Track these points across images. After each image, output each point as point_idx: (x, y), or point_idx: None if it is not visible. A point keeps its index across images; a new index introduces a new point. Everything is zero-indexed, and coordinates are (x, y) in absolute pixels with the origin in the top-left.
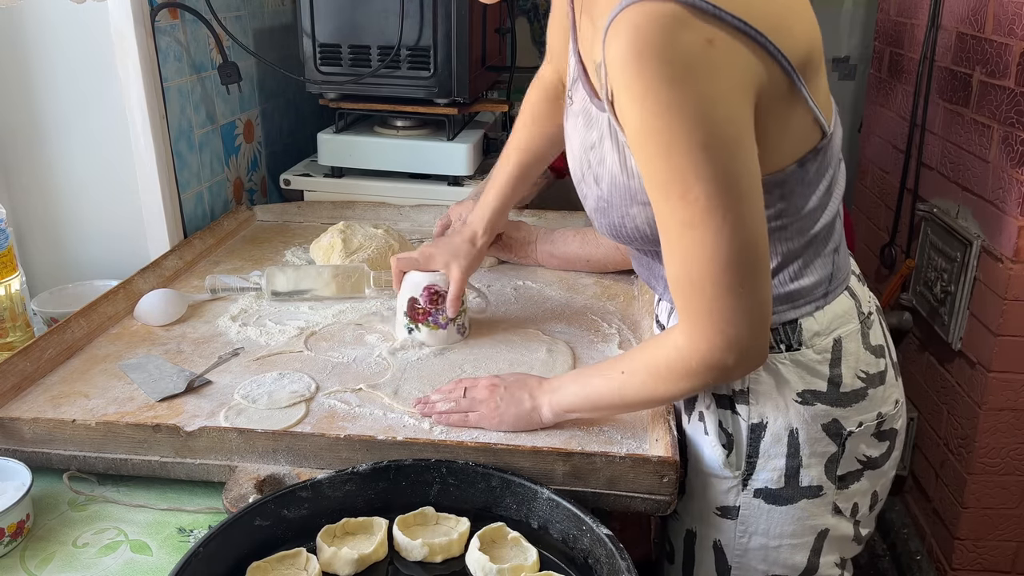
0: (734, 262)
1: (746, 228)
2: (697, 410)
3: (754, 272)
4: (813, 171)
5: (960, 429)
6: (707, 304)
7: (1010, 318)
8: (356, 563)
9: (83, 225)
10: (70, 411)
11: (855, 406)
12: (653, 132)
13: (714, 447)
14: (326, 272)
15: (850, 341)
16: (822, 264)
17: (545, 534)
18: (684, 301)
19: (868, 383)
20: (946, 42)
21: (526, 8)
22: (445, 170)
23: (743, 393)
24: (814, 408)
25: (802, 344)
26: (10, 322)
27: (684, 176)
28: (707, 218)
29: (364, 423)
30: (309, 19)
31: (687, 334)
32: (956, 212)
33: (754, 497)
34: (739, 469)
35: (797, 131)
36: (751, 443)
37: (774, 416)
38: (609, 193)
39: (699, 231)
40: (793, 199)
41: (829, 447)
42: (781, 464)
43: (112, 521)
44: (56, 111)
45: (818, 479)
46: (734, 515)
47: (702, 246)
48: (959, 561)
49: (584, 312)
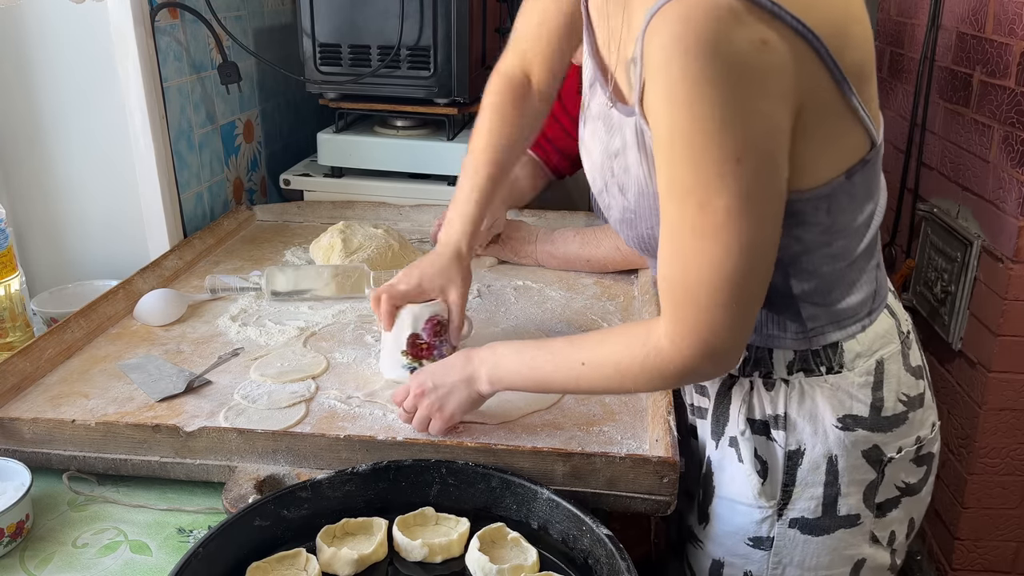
0: (735, 282)
1: (756, 252)
2: (728, 435)
3: (751, 294)
4: (860, 183)
5: (960, 429)
6: (697, 314)
7: (1010, 318)
8: (356, 563)
9: (83, 225)
10: (70, 411)
11: (896, 431)
12: (686, 133)
13: (749, 476)
14: (326, 272)
15: (892, 363)
16: (867, 281)
17: (545, 534)
18: (674, 306)
19: (909, 406)
20: (946, 42)
21: None
22: (445, 170)
23: (779, 418)
24: (855, 434)
25: (843, 367)
26: (10, 322)
27: (708, 185)
28: (720, 233)
29: (364, 423)
30: (309, 19)
31: (671, 338)
32: (956, 212)
33: (789, 527)
34: (774, 499)
35: (845, 142)
36: (788, 471)
37: (812, 443)
38: (636, 204)
39: (709, 243)
40: (841, 215)
41: (868, 474)
42: (819, 493)
43: (112, 521)
44: (56, 111)
45: (856, 508)
46: (767, 546)
47: (708, 258)
48: (959, 561)
49: (584, 312)
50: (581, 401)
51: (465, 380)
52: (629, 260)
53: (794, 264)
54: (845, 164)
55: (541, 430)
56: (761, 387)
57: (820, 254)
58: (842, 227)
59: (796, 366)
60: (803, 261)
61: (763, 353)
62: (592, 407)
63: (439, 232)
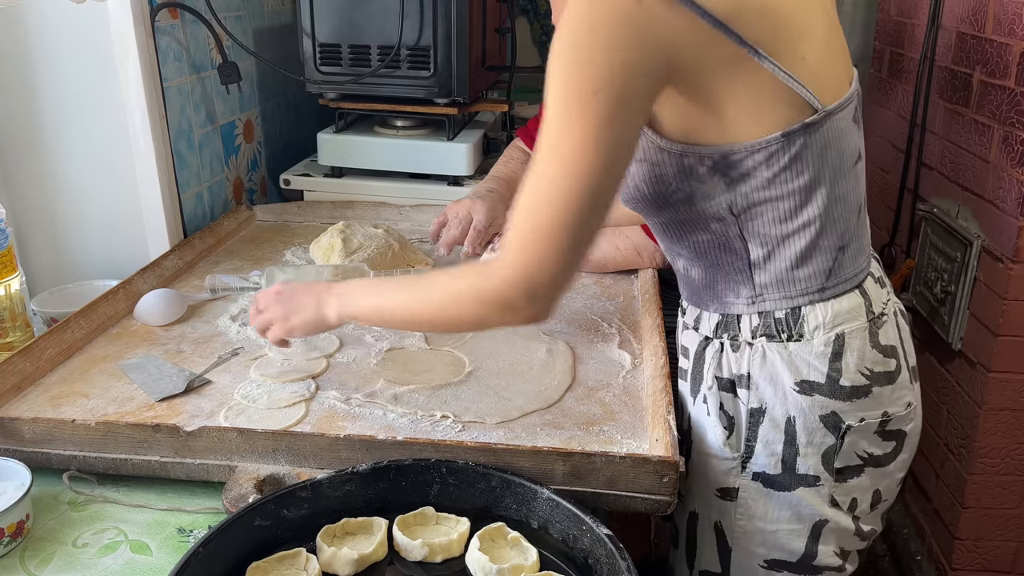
0: (575, 210)
1: (596, 190)
2: (702, 392)
3: (582, 229)
4: (804, 147)
5: (960, 429)
6: (535, 237)
7: (1010, 318)
8: (356, 563)
9: (83, 225)
10: (70, 411)
11: (857, 401)
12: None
13: (715, 427)
14: (326, 272)
15: (854, 338)
16: (823, 259)
17: (545, 534)
18: (518, 228)
19: (873, 381)
20: (946, 42)
21: (526, 8)
22: (445, 170)
23: (744, 377)
24: (812, 398)
25: (803, 336)
26: (10, 322)
27: (570, 111)
28: (571, 159)
29: (364, 423)
30: (309, 19)
31: (503, 260)
32: (956, 212)
33: (752, 480)
34: (738, 451)
35: (770, 102)
36: (750, 427)
37: (772, 402)
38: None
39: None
40: (784, 172)
41: (827, 438)
42: (779, 450)
43: (112, 521)
44: (56, 111)
45: (815, 469)
46: (733, 496)
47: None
48: (959, 561)
49: (584, 312)
50: (581, 400)
51: (317, 303)
52: (629, 260)
53: (747, 226)
54: (780, 125)
55: (541, 430)
56: (728, 348)
57: (767, 217)
58: (785, 187)
59: (760, 332)
60: (754, 223)
61: (731, 319)
62: (592, 407)
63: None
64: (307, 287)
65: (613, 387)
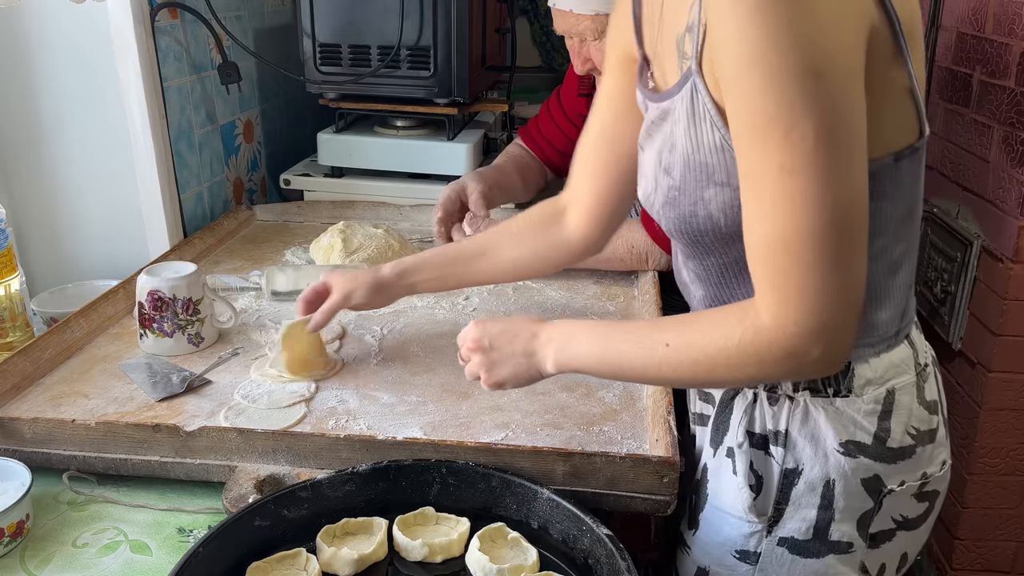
0: (836, 222)
1: (853, 181)
2: (726, 445)
3: (854, 239)
4: (906, 173)
5: (960, 429)
6: (801, 274)
7: (1010, 318)
8: (356, 563)
9: (83, 225)
10: (70, 411)
11: (900, 464)
12: (760, 55)
13: (740, 489)
14: (326, 272)
15: (904, 394)
16: (899, 298)
17: (545, 534)
18: (773, 270)
19: (918, 441)
20: (946, 42)
21: (526, 8)
22: (445, 170)
23: (780, 434)
24: (856, 461)
25: (851, 391)
26: (10, 322)
27: (793, 107)
28: (813, 162)
29: (364, 423)
30: (309, 19)
31: (772, 312)
32: (956, 212)
33: (778, 545)
34: (764, 514)
35: (895, 115)
36: (782, 489)
37: (811, 464)
38: (681, 179)
39: (801, 179)
40: (885, 201)
41: (865, 503)
42: (812, 515)
43: (112, 521)
44: (56, 111)
45: (849, 535)
46: (753, 561)
47: (803, 198)
48: (959, 561)
49: (584, 312)
50: (581, 400)
51: (525, 354)
52: (628, 261)
53: None
54: (895, 145)
55: (541, 430)
56: (764, 400)
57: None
58: (884, 220)
59: (803, 384)
60: None
61: None
62: (592, 407)
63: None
64: (509, 331)
65: (613, 387)
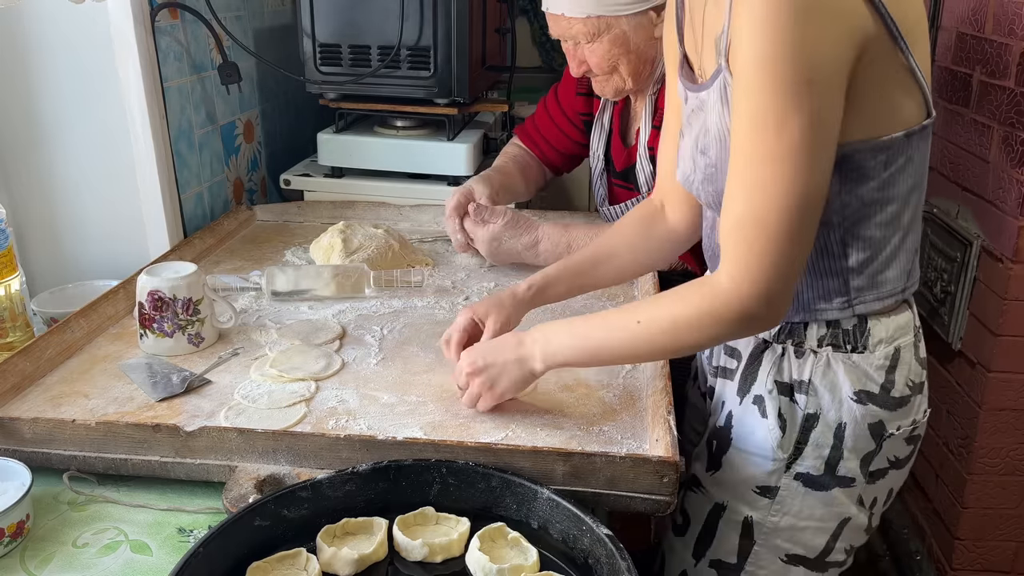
0: (802, 206)
1: (819, 176)
2: (754, 393)
3: (812, 221)
4: (916, 148)
5: (960, 429)
6: (765, 244)
7: (1010, 318)
8: (356, 563)
9: (83, 225)
10: (70, 411)
11: (899, 411)
12: (766, 57)
13: (772, 430)
14: (326, 272)
15: (906, 351)
16: (905, 260)
17: (545, 534)
18: (743, 240)
19: (913, 391)
20: (946, 42)
21: (526, 8)
22: (445, 170)
23: (804, 383)
24: (866, 408)
25: (867, 348)
26: (10, 322)
27: (787, 104)
28: (796, 152)
29: (364, 423)
30: (309, 19)
31: (731, 275)
32: (956, 212)
33: (794, 480)
34: (787, 453)
35: (902, 98)
36: (803, 431)
37: (828, 408)
38: (717, 156)
39: (782, 166)
40: (898, 174)
41: (869, 445)
42: (825, 454)
43: (112, 521)
44: (56, 111)
45: (853, 472)
46: (773, 495)
47: (780, 181)
48: (959, 561)
49: (584, 312)
50: (581, 400)
51: (517, 360)
52: None
53: (852, 231)
54: (904, 124)
55: (541, 430)
56: (792, 354)
57: (875, 220)
58: (895, 190)
59: (826, 340)
60: (860, 226)
61: (799, 326)
62: (592, 406)
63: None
64: (496, 347)
65: (613, 387)
